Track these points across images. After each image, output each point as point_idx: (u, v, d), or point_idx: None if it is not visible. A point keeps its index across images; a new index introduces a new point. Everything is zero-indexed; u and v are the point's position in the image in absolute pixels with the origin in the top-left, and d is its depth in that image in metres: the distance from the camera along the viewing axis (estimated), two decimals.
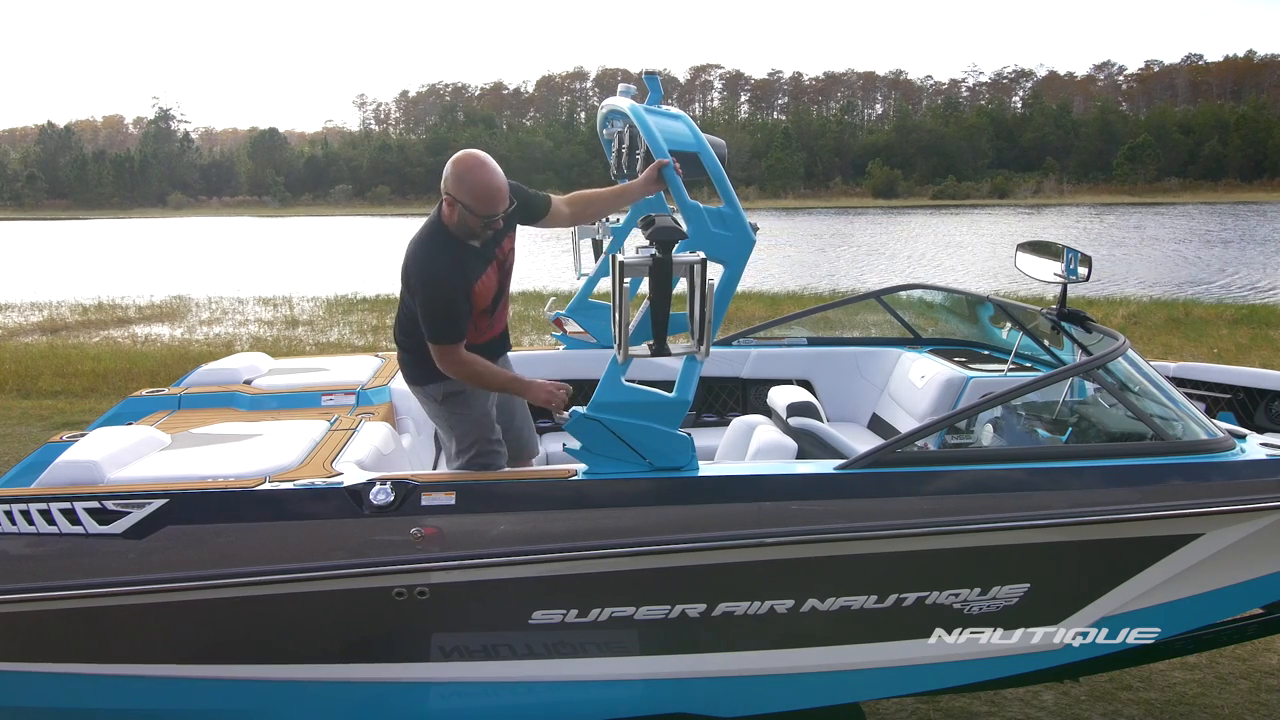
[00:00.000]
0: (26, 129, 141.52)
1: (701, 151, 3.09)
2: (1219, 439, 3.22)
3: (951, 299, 5.83)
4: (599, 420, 2.96)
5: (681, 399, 2.96)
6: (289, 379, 4.51)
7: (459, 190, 3.27)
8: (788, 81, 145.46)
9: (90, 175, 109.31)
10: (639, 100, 3.51)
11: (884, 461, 3.09)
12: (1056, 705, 4.02)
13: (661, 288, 2.79)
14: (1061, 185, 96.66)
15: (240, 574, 2.90)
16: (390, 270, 18.66)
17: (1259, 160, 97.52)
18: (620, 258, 2.78)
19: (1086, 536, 3.07)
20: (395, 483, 2.99)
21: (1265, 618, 3.54)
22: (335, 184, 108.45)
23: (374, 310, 18.00)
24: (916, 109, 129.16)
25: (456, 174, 3.29)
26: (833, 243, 40.11)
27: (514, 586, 2.99)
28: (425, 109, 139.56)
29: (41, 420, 8.97)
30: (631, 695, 3.20)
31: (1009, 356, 4.86)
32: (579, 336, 5.43)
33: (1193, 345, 12.19)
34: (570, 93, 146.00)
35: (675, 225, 2.83)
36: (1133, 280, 23.15)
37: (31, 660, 3.02)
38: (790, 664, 3.18)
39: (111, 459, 3.20)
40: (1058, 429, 3.96)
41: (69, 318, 17.57)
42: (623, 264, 2.78)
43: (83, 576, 2.88)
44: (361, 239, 49.49)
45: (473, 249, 3.40)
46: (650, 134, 3.11)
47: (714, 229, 2.96)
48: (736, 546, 2.95)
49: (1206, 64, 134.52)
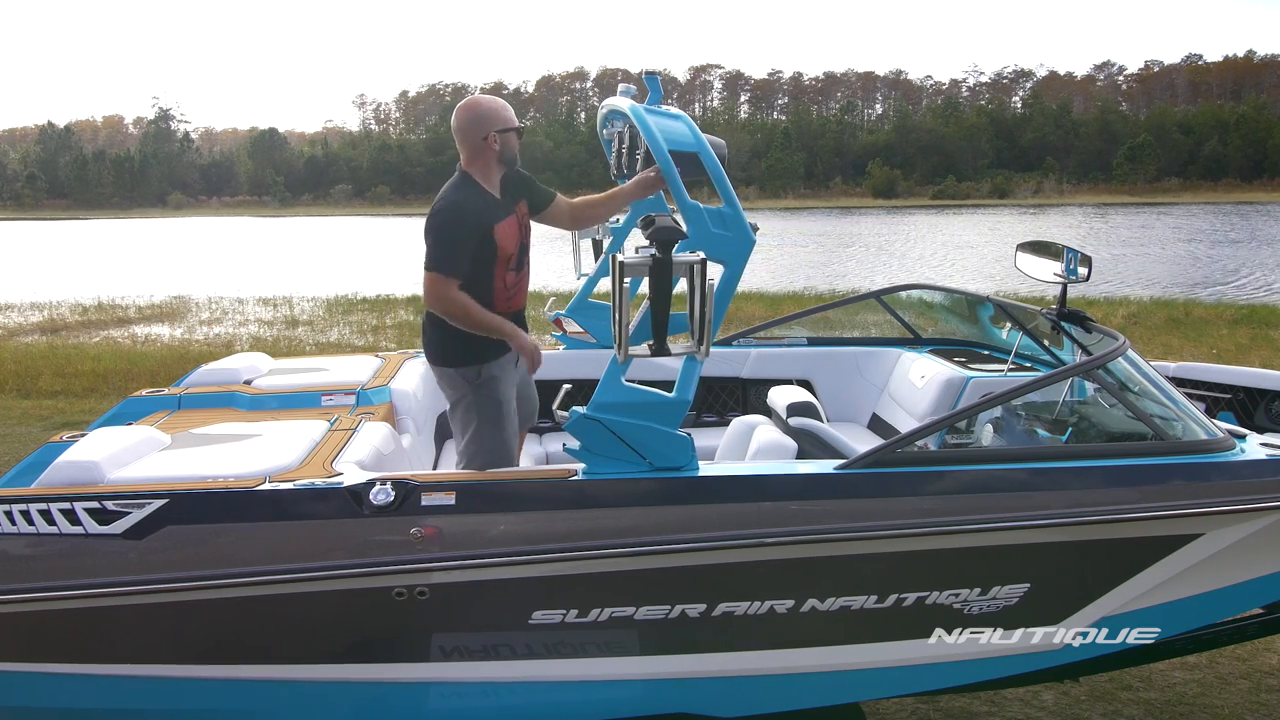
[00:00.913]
0: (26, 129, 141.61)
1: (701, 151, 3.09)
2: (1219, 439, 3.22)
3: (951, 299, 5.83)
4: (599, 420, 2.96)
5: (681, 399, 2.95)
6: (289, 379, 4.51)
7: (491, 119, 3.48)
8: (788, 81, 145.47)
9: (90, 175, 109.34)
10: (639, 100, 3.51)
11: (884, 461, 3.09)
12: (1056, 705, 4.02)
13: (661, 288, 2.79)
14: (1061, 185, 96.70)
15: (240, 574, 2.90)
16: (390, 270, 18.53)
17: (1259, 160, 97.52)
18: (620, 258, 2.78)
19: (1086, 536, 3.07)
20: (395, 483, 2.99)
21: (1265, 618, 3.54)
22: (335, 184, 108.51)
23: (374, 310, 18.01)
24: (916, 109, 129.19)
25: (479, 111, 3.51)
26: (842, 242, 40.12)
27: (514, 586, 2.99)
28: (425, 109, 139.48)
29: (41, 420, 8.97)
30: (631, 695, 3.20)
31: (1009, 356, 4.86)
32: (579, 336, 5.43)
33: (1193, 345, 12.19)
34: (570, 93, 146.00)
35: (675, 225, 2.83)
36: (1143, 281, 23.06)
37: (31, 660, 3.02)
38: (790, 664, 3.18)
39: (111, 459, 3.20)
40: (1058, 429, 3.96)
41: (69, 318, 17.58)
42: (623, 264, 2.77)
43: (83, 577, 2.88)
44: (361, 239, 49.50)
45: (494, 198, 3.51)
46: (650, 133, 3.12)
47: (714, 229, 2.96)
48: (736, 546, 2.96)
49: (1206, 64, 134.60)
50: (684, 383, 2.95)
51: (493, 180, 3.55)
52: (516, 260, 3.57)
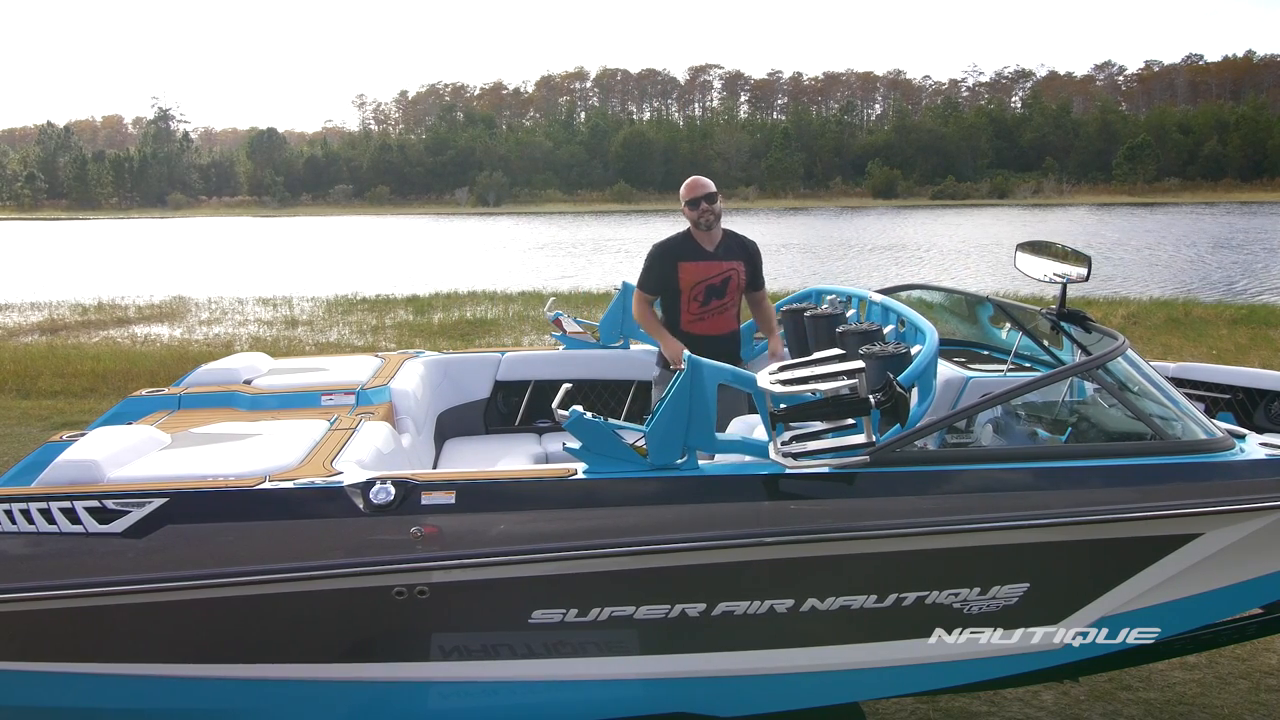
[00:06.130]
0: (26, 129, 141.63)
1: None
2: (1218, 439, 3.21)
3: (951, 299, 5.82)
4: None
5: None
6: (289, 379, 4.51)
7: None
8: (787, 81, 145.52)
9: (90, 175, 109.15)
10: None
11: (883, 461, 3.09)
12: (1056, 705, 4.03)
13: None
14: (1061, 185, 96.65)
15: (240, 573, 2.90)
16: (389, 270, 18.52)
17: (1258, 160, 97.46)
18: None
19: (1086, 536, 3.07)
20: (395, 482, 2.99)
21: (1265, 618, 3.53)
22: (335, 184, 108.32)
23: (373, 310, 18.01)
24: (916, 109, 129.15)
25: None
26: (843, 242, 40.11)
27: (514, 586, 2.99)
28: (425, 109, 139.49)
29: (41, 420, 8.97)
30: (631, 695, 3.20)
31: (1008, 357, 4.86)
32: (578, 336, 5.44)
33: (1192, 345, 12.19)
34: (570, 93, 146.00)
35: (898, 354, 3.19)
36: (1154, 282, 23.03)
37: (31, 660, 3.02)
38: (790, 664, 3.18)
39: (111, 458, 3.20)
40: (1057, 429, 3.96)
41: (69, 318, 17.58)
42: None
43: (83, 576, 2.88)
44: (361, 239, 49.50)
45: (697, 244, 4.62)
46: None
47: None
48: (736, 546, 2.96)
49: (1206, 64, 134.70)
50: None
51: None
52: (701, 297, 4.64)
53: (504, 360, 5.43)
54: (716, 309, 4.63)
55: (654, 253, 4.66)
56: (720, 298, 4.62)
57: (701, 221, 4.57)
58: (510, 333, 14.87)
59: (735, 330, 4.77)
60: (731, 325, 4.73)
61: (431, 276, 24.53)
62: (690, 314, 4.61)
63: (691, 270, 4.58)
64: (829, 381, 2.82)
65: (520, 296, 18.55)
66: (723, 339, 4.65)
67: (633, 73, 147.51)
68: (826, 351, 3.04)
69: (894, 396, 2.86)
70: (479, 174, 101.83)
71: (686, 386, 2.96)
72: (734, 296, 4.69)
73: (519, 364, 5.43)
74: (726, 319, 4.69)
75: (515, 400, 5.44)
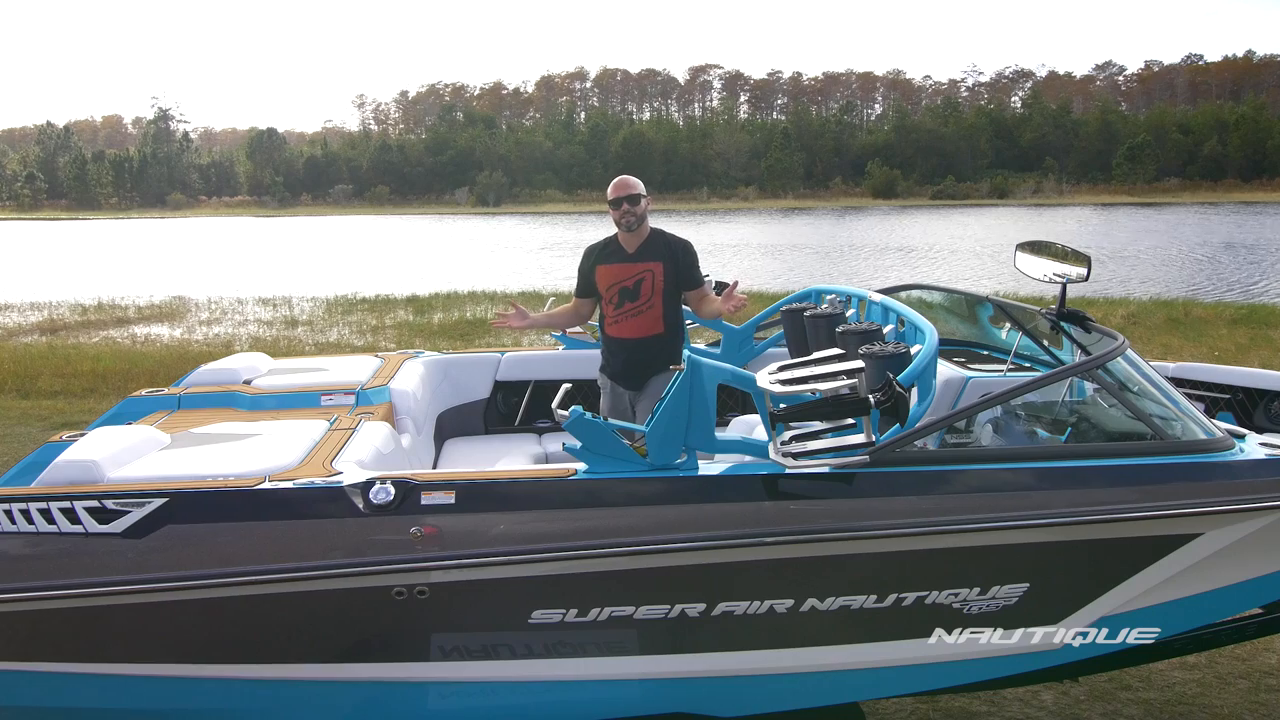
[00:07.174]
0: (26, 129, 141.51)
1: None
2: (1218, 439, 3.22)
3: (950, 299, 5.82)
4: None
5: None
6: (288, 379, 4.51)
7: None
8: (787, 82, 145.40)
9: (90, 176, 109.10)
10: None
11: (883, 461, 3.09)
12: (1056, 705, 4.03)
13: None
14: (1061, 185, 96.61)
15: (239, 573, 2.90)
16: (389, 270, 18.47)
17: (1258, 160, 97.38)
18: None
19: (1086, 536, 3.07)
20: (395, 482, 2.99)
21: (1265, 618, 3.53)
22: (335, 184, 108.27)
23: (373, 310, 18.01)
24: (915, 109, 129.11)
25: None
26: (842, 242, 40.08)
27: (513, 586, 3.00)
28: (425, 109, 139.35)
29: (41, 420, 8.97)
30: (631, 695, 3.21)
31: (1008, 357, 4.86)
32: (578, 336, 5.44)
33: (1192, 345, 12.19)
34: (570, 93, 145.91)
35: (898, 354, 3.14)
36: (1163, 283, 22.96)
37: (31, 660, 3.02)
38: (790, 664, 3.18)
39: (111, 458, 3.20)
40: (1057, 429, 3.96)
41: (68, 318, 17.58)
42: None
43: (82, 576, 2.88)
44: (361, 239, 49.49)
45: (619, 246, 4.58)
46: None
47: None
48: (736, 546, 2.96)
49: (1206, 64, 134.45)
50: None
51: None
52: (614, 299, 4.54)
53: (504, 360, 5.44)
54: (631, 311, 4.51)
55: (582, 258, 4.69)
56: (634, 300, 4.51)
57: (622, 223, 4.50)
58: (510, 333, 14.87)
59: (660, 333, 4.53)
60: (653, 328, 4.52)
61: (431, 276, 24.54)
62: (609, 317, 4.58)
63: (605, 273, 4.56)
64: (829, 381, 2.82)
65: (520, 297, 18.56)
66: (642, 342, 4.52)
67: (633, 73, 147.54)
68: (826, 351, 3.05)
69: (894, 396, 2.85)
70: (479, 174, 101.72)
71: (686, 386, 2.96)
72: (653, 299, 4.51)
73: (519, 364, 5.44)
74: (645, 321, 4.52)
75: (515, 400, 5.45)
